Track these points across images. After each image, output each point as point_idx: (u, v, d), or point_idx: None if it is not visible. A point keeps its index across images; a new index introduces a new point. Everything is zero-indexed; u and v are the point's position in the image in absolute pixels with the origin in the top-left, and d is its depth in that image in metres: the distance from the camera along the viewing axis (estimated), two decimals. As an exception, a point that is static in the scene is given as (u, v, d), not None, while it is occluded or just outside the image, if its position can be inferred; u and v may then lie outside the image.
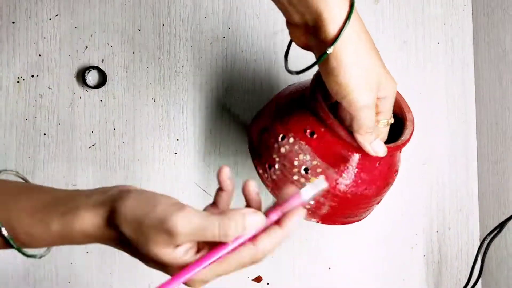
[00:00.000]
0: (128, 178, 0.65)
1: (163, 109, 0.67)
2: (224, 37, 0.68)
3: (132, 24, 0.66)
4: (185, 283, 0.36)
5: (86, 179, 0.64)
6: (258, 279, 0.67)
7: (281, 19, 0.49)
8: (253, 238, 0.36)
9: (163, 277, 0.66)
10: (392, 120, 0.50)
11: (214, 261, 0.36)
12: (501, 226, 0.63)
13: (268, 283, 0.68)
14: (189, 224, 0.34)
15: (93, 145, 0.65)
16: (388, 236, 0.72)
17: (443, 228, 0.74)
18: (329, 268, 0.70)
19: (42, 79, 0.64)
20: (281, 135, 0.50)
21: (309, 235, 0.70)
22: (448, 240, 0.74)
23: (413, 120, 0.53)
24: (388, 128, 0.50)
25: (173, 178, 0.67)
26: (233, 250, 0.36)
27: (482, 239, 0.66)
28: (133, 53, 0.66)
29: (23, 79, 0.63)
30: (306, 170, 0.48)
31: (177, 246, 0.36)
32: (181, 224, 0.34)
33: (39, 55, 0.64)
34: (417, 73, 0.73)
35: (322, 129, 0.48)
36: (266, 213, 0.37)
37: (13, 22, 0.63)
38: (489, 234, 0.64)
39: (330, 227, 0.70)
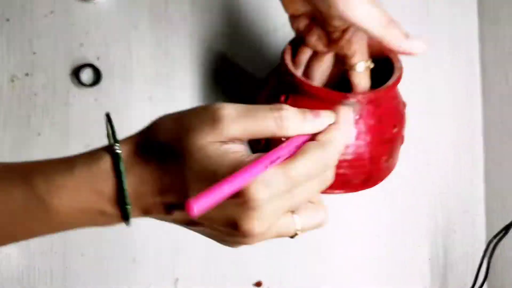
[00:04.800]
0: (124, 179, 0.64)
1: (160, 108, 0.65)
2: (223, 34, 0.67)
3: (128, 21, 0.65)
4: (241, 197, 0.28)
5: (81, 180, 0.63)
6: (258, 284, 0.66)
7: (281, 16, 0.48)
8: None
9: (163, 279, 0.65)
10: (371, 65, 0.46)
11: (275, 162, 0.29)
12: (507, 228, 0.62)
13: None
14: (236, 108, 0.30)
15: (89, 145, 0.64)
16: (392, 238, 0.71)
17: (448, 231, 0.72)
18: (331, 271, 0.69)
19: (37, 78, 0.63)
20: None
21: (310, 237, 0.68)
22: (453, 242, 0.72)
23: (402, 68, 0.48)
24: (368, 74, 0.46)
25: (171, 179, 0.66)
26: (295, 149, 0.30)
27: (488, 242, 0.65)
28: (129, 50, 0.65)
29: (17, 78, 0.62)
30: None
31: (224, 142, 0.30)
32: (227, 107, 0.30)
33: (34, 53, 0.63)
34: (422, 71, 0.72)
35: (296, 94, 0.45)
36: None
37: (7, 19, 0.62)
38: (495, 236, 0.63)
39: (331, 229, 0.68)
